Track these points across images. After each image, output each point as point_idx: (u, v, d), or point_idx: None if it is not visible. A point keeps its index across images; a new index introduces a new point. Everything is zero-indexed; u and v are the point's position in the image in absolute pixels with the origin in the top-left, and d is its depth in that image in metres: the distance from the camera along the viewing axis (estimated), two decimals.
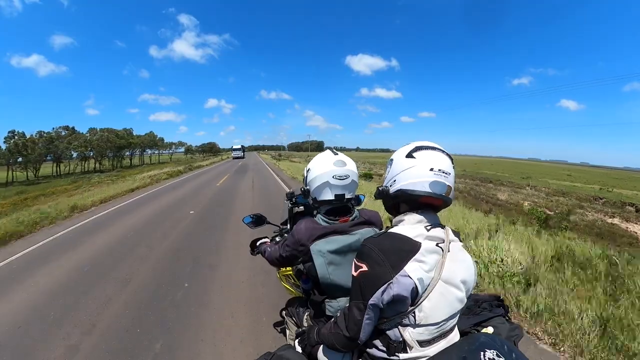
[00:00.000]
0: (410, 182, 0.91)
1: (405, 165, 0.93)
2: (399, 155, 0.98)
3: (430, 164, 0.90)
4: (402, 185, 0.93)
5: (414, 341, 0.84)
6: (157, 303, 3.02)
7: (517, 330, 1.07)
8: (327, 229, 1.22)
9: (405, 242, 0.85)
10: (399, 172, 0.95)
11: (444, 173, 0.90)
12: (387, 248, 0.84)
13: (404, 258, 0.82)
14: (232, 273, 3.70)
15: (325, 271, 1.17)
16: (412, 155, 0.94)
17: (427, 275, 0.82)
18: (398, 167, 0.96)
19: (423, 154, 0.93)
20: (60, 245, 5.24)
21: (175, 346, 2.35)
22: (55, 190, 20.18)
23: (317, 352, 1.12)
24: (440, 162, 0.91)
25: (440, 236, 0.89)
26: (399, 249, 0.84)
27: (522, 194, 26.32)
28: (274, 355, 1.10)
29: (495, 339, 0.81)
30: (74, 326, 2.68)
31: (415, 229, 0.89)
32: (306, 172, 1.37)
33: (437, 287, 0.83)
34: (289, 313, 1.61)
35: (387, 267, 0.81)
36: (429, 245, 0.85)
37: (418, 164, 0.91)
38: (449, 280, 0.84)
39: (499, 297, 1.22)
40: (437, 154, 0.93)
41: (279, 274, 1.89)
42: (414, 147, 0.95)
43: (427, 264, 0.83)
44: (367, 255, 0.86)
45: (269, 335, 2.44)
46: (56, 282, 3.63)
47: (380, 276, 0.82)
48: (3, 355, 2.35)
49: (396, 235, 0.87)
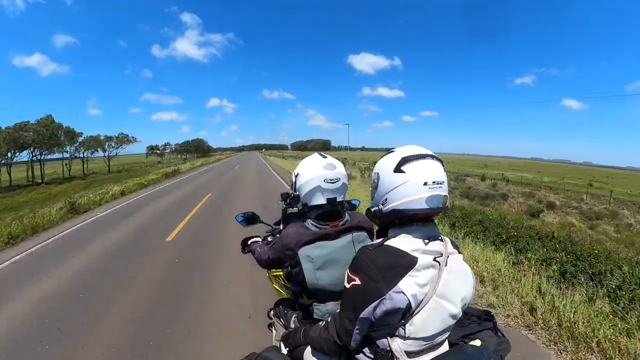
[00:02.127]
0: (404, 200, 0.85)
1: (396, 182, 0.87)
2: (386, 171, 0.90)
3: (424, 178, 0.84)
4: (395, 205, 0.87)
5: (402, 352, 0.82)
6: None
7: (505, 344, 1.06)
8: (316, 234, 1.20)
9: (401, 257, 0.82)
10: (390, 191, 0.88)
11: (438, 184, 0.85)
12: (382, 263, 0.81)
13: (398, 274, 0.79)
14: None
15: (313, 276, 1.16)
16: (400, 169, 0.86)
17: (421, 291, 0.80)
18: (387, 184, 0.89)
19: (413, 166, 0.86)
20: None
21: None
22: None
23: (302, 354, 1.11)
24: (433, 172, 0.86)
25: (439, 249, 0.86)
26: (394, 264, 0.81)
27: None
28: (259, 356, 1.10)
29: (483, 352, 0.80)
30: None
31: (412, 243, 0.85)
32: (295, 177, 1.34)
33: (430, 303, 0.81)
34: (277, 314, 1.60)
35: (381, 283, 0.79)
36: (425, 260, 0.82)
37: (410, 180, 0.85)
38: (444, 295, 0.82)
39: (489, 312, 1.21)
40: (427, 163, 0.87)
41: (269, 274, 1.88)
42: (401, 160, 0.87)
43: (422, 279, 0.80)
44: (361, 269, 0.83)
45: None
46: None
47: (373, 291, 0.80)
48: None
49: (392, 250, 0.84)
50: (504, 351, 1.03)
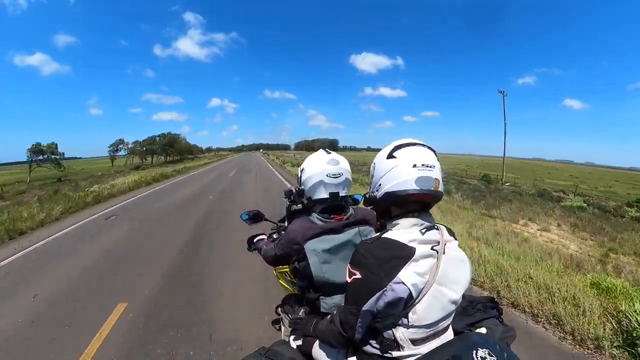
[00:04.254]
0: (395, 182, 0.90)
1: (388, 166, 0.92)
2: (380, 158, 0.96)
3: (413, 161, 0.89)
4: (387, 188, 0.91)
5: (407, 340, 0.84)
6: None
7: (511, 332, 1.07)
8: (321, 228, 1.22)
9: (400, 248, 0.84)
10: (383, 175, 0.93)
11: (427, 167, 0.88)
12: (380, 255, 0.83)
13: (398, 265, 0.81)
14: None
15: (319, 270, 1.18)
16: (392, 155, 0.92)
17: (421, 280, 0.82)
18: (381, 170, 0.94)
19: (403, 151, 0.91)
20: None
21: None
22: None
23: (311, 347, 1.14)
24: (423, 156, 0.90)
25: (435, 238, 0.88)
26: (393, 256, 0.83)
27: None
28: (268, 350, 1.12)
29: (488, 339, 0.81)
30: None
31: (409, 233, 0.87)
32: (300, 172, 1.37)
33: (430, 291, 0.83)
34: (285, 310, 1.62)
35: (381, 276, 0.81)
36: (423, 250, 0.84)
37: (400, 163, 0.90)
38: (443, 282, 0.84)
39: (494, 299, 1.22)
40: (417, 149, 0.92)
41: (275, 270, 1.90)
42: (394, 147, 0.93)
43: (422, 268, 0.82)
44: (360, 263, 0.85)
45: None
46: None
47: (373, 284, 0.82)
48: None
49: (390, 241, 0.86)
50: (510, 339, 1.05)
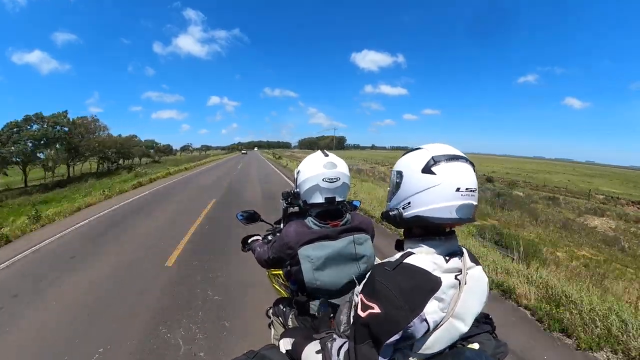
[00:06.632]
0: (432, 207, 0.75)
1: (424, 184, 0.76)
2: (413, 169, 0.79)
3: (457, 183, 0.74)
4: (421, 210, 0.77)
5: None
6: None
7: (503, 348, 1.05)
8: (316, 234, 1.19)
9: (425, 278, 0.73)
10: (415, 193, 0.78)
11: (471, 192, 0.75)
12: (405, 287, 0.71)
13: (424, 299, 0.71)
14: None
15: (311, 276, 1.16)
16: (430, 170, 0.76)
17: (442, 315, 0.74)
18: (413, 185, 0.78)
19: (444, 168, 0.75)
20: None
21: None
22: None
23: (301, 352, 1.11)
24: (467, 177, 0.76)
25: (458, 266, 0.79)
26: (418, 287, 0.72)
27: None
28: (257, 354, 1.09)
29: (481, 355, 0.79)
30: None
31: (433, 261, 0.77)
32: (296, 174, 1.32)
33: (445, 324, 0.75)
34: (275, 312, 1.60)
35: (406, 311, 0.69)
36: (448, 281, 0.75)
37: (441, 183, 0.74)
38: (459, 316, 0.78)
39: (487, 315, 1.21)
40: (460, 165, 0.77)
41: (268, 273, 1.88)
42: (431, 159, 0.76)
43: (445, 302, 0.74)
44: (380, 294, 0.72)
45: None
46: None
47: (397, 321, 0.69)
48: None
49: (414, 269, 0.74)
50: (502, 355, 1.03)
